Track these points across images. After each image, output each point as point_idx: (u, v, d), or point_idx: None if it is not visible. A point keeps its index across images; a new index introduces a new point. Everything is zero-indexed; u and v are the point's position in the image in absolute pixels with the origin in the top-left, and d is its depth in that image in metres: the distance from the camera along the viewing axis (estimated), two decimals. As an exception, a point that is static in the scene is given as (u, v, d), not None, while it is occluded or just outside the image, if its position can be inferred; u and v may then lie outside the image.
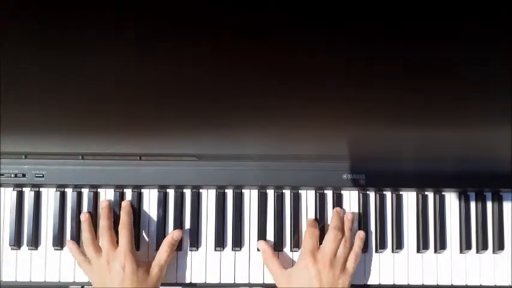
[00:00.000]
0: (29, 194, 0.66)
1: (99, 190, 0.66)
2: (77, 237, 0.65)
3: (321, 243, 0.63)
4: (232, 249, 0.66)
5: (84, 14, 0.58)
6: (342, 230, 0.63)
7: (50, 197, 0.66)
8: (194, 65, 0.61)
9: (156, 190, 0.66)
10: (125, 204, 0.65)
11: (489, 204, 0.67)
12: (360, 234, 0.65)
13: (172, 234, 0.64)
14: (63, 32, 0.59)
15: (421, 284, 0.66)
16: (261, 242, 0.65)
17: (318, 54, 0.60)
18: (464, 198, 0.67)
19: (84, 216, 0.65)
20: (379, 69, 0.61)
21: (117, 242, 0.62)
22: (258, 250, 0.66)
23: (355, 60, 0.60)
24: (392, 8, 0.57)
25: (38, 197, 0.66)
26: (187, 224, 0.66)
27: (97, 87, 0.62)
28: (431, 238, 0.67)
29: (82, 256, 0.63)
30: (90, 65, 0.60)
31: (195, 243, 0.65)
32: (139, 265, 0.61)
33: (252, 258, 0.66)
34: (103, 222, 0.63)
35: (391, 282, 0.66)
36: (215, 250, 0.66)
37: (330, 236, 0.62)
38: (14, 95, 0.61)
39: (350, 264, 0.62)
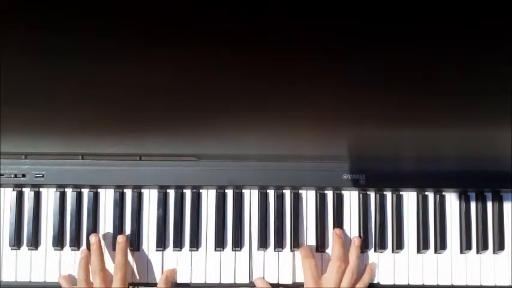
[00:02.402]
0: (28, 194, 0.66)
1: (99, 190, 0.66)
2: (76, 238, 0.65)
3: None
4: (232, 250, 0.66)
5: (84, 15, 0.58)
6: (344, 259, 0.62)
7: (49, 197, 0.66)
8: (194, 65, 0.61)
9: (156, 190, 0.66)
10: (120, 239, 0.64)
11: (489, 205, 0.67)
12: (372, 265, 0.64)
13: (165, 274, 0.64)
14: (63, 33, 0.59)
15: (421, 284, 0.66)
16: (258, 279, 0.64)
17: (318, 54, 0.60)
18: (464, 198, 0.67)
19: (84, 253, 0.64)
20: (379, 69, 0.61)
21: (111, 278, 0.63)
22: (258, 250, 0.66)
23: (355, 61, 0.61)
24: (392, 9, 0.57)
25: (37, 197, 0.66)
26: (187, 224, 0.66)
27: (97, 88, 0.62)
28: (431, 238, 0.67)
29: None
30: (90, 65, 0.60)
31: (195, 243, 0.65)
32: None
33: (252, 258, 0.66)
34: (94, 261, 0.63)
35: (391, 283, 0.66)
36: (215, 250, 0.66)
37: (333, 267, 0.61)
38: (14, 95, 0.61)
39: None
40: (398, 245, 0.66)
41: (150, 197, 0.66)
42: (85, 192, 0.66)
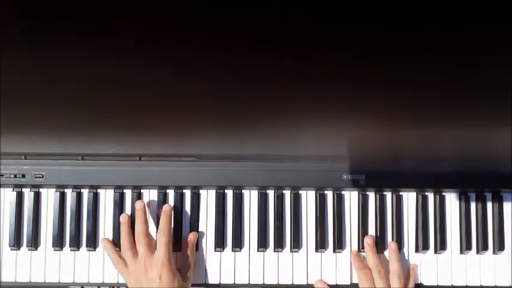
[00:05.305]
0: (28, 195, 0.66)
1: (99, 191, 0.66)
2: (76, 238, 0.65)
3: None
4: (232, 250, 0.66)
5: (84, 16, 0.58)
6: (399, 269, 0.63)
7: (49, 197, 0.66)
8: (194, 65, 0.61)
9: (156, 190, 0.66)
10: (166, 208, 0.64)
11: (489, 205, 0.67)
12: (414, 267, 0.66)
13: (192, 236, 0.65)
14: (64, 34, 0.59)
15: (421, 284, 0.65)
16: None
17: (318, 54, 0.60)
18: (464, 199, 0.66)
19: (124, 218, 0.63)
20: (379, 69, 0.61)
21: (155, 246, 0.61)
22: (258, 251, 0.66)
23: (355, 61, 0.61)
24: (392, 9, 0.57)
25: (37, 198, 0.66)
26: (186, 225, 0.66)
27: (97, 88, 0.62)
28: (431, 238, 0.66)
29: (118, 256, 0.62)
30: (90, 65, 0.61)
31: (195, 244, 0.65)
32: (176, 274, 0.60)
33: (252, 259, 0.65)
34: (139, 226, 0.62)
35: (391, 283, 0.66)
36: (215, 251, 0.66)
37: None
38: (14, 95, 0.61)
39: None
40: (398, 245, 0.66)
41: (150, 198, 0.66)
42: (85, 192, 0.66)
